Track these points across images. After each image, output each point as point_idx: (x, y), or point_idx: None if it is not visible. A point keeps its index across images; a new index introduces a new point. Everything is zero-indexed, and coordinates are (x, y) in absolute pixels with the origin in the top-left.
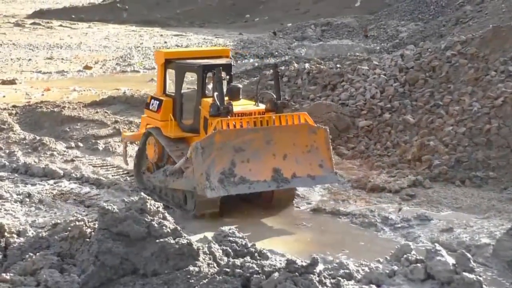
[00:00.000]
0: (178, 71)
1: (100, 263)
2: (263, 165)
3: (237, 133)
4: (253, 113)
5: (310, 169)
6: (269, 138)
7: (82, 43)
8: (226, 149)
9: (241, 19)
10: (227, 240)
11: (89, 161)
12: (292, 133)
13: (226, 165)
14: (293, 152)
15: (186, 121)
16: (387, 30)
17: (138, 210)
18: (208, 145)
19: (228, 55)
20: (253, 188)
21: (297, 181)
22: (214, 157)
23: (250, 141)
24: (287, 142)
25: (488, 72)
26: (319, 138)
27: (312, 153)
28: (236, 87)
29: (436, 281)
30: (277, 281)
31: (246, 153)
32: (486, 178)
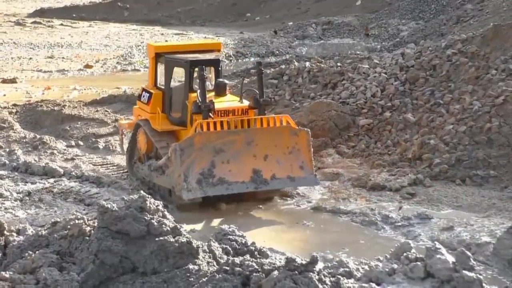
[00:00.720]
0: (167, 66)
1: (99, 262)
2: (243, 166)
3: (218, 134)
4: (235, 110)
5: (291, 170)
6: (250, 139)
7: (83, 42)
8: (207, 150)
9: (242, 18)
10: (227, 238)
11: (89, 160)
12: (274, 134)
13: (205, 166)
14: (274, 153)
15: (175, 114)
16: (388, 29)
17: (138, 208)
18: (187, 146)
19: (219, 48)
20: (231, 190)
21: (276, 182)
22: (194, 158)
23: (231, 142)
24: (268, 143)
25: (489, 71)
26: (301, 140)
27: (293, 155)
28: (223, 83)
29: (436, 280)
30: (277, 279)
31: (226, 154)
32: (487, 177)
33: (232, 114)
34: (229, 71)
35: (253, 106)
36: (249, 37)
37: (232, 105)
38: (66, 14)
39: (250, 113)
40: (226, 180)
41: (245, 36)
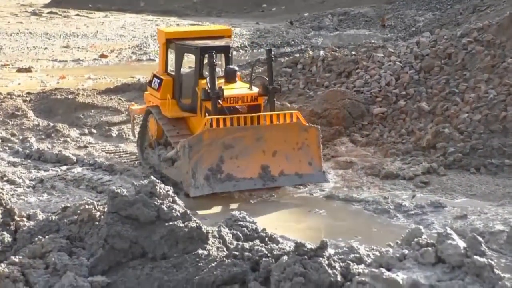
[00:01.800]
0: (177, 52)
1: (109, 247)
2: (251, 162)
3: (227, 130)
4: (245, 97)
5: (299, 166)
6: (260, 135)
7: (98, 32)
8: (215, 145)
9: (258, 8)
10: (237, 224)
11: (102, 148)
12: (284, 131)
13: (214, 161)
14: (283, 149)
15: (185, 100)
16: (404, 19)
17: (148, 193)
18: (196, 143)
19: (229, 34)
20: (238, 186)
21: (284, 179)
22: (202, 153)
23: (240, 138)
24: (277, 139)
25: (505, 59)
26: (311, 136)
27: (303, 151)
28: (233, 69)
29: (447, 265)
30: (286, 264)
31: (235, 149)
32: (502, 166)
33: (242, 101)
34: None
35: (262, 93)
36: (265, 27)
37: (241, 92)
38: (82, 4)
39: (259, 100)
40: (234, 176)
41: (261, 27)
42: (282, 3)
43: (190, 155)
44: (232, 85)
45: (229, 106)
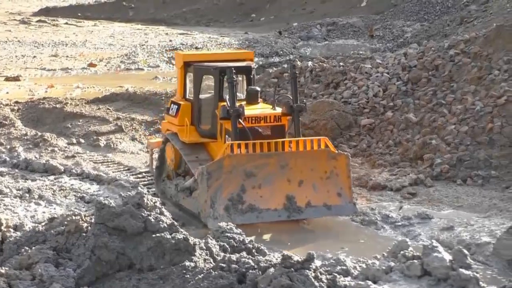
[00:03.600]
0: (195, 74)
1: (96, 258)
2: (275, 192)
3: (249, 157)
4: (267, 116)
5: (327, 197)
6: (285, 162)
7: (87, 41)
8: (236, 173)
9: (247, 18)
10: (224, 236)
11: (90, 157)
12: (310, 158)
13: (234, 191)
14: (310, 178)
15: (204, 126)
16: (392, 30)
17: (135, 204)
18: (215, 170)
19: (251, 58)
20: (261, 218)
21: (311, 211)
22: (222, 181)
23: (263, 166)
24: (304, 167)
25: (491, 71)
26: (340, 164)
27: (332, 180)
28: (254, 90)
29: (433, 278)
30: (273, 276)
31: (257, 178)
32: (488, 177)
33: (264, 121)
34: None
35: (286, 113)
36: (254, 37)
37: (264, 112)
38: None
39: (283, 120)
40: (257, 207)
41: (250, 37)
42: (271, 13)
43: (208, 183)
44: (254, 106)
45: (251, 126)
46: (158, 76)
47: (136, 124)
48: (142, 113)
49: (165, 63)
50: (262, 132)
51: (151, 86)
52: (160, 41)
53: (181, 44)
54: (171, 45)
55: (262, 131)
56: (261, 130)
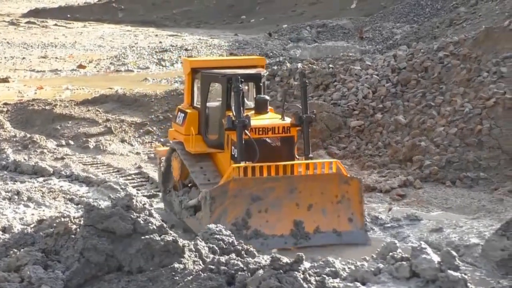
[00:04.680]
0: (203, 81)
1: (85, 260)
2: (282, 217)
3: (256, 181)
4: (275, 127)
5: (338, 222)
6: (293, 186)
7: (76, 42)
8: (242, 197)
9: (237, 20)
10: (213, 238)
11: (79, 159)
12: (321, 182)
13: (239, 215)
14: (320, 202)
15: (211, 135)
16: (382, 32)
17: (124, 206)
18: (219, 194)
19: (263, 65)
20: (266, 245)
21: (319, 237)
22: (227, 206)
23: (270, 189)
24: (314, 191)
25: (480, 73)
26: (352, 189)
27: (342, 205)
28: (263, 99)
29: (421, 279)
30: (262, 278)
31: (264, 202)
32: (477, 179)
33: (272, 132)
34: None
35: (295, 124)
36: (244, 39)
37: (272, 123)
38: (61, 14)
39: (292, 131)
40: (262, 233)
41: (240, 38)
42: (261, 14)
43: (212, 208)
44: (262, 115)
45: (258, 138)
46: (148, 77)
47: (126, 126)
48: (131, 115)
49: (155, 64)
50: (271, 143)
51: (141, 88)
52: (150, 42)
53: (171, 46)
54: (161, 47)
55: (271, 142)
56: (270, 141)
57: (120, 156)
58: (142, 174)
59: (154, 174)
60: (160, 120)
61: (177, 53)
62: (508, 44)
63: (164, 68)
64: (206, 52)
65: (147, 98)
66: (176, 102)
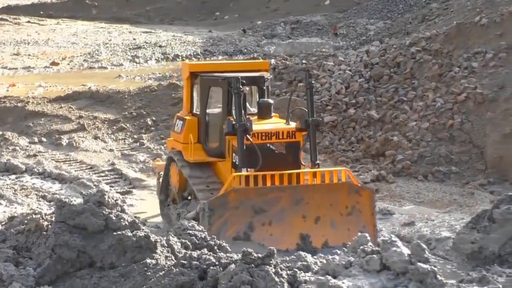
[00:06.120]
0: (202, 86)
1: (56, 256)
2: (288, 230)
3: (259, 191)
4: (279, 132)
5: (348, 236)
6: (299, 197)
7: (50, 39)
8: (243, 209)
9: (211, 16)
10: (186, 233)
11: (52, 156)
12: (329, 192)
13: (241, 228)
14: (328, 214)
15: (212, 143)
16: (356, 28)
17: (96, 202)
18: (219, 206)
19: (267, 69)
20: None
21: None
22: (227, 218)
23: (275, 200)
24: (322, 202)
25: (452, 68)
26: (363, 200)
27: (353, 217)
28: (267, 103)
29: (392, 272)
30: (233, 273)
31: (268, 214)
32: (449, 173)
33: (276, 137)
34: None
35: (301, 128)
36: (218, 35)
37: (275, 127)
38: (34, 11)
39: (297, 136)
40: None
41: (214, 35)
42: (235, 11)
43: (210, 220)
44: (266, 120)
45: (261, 143)
46: (122, 74)
47: (99, 123)
48: (105, 111)
49: (128, 61)
50: (275, 149)
51: (114, 85)
52: (124, 39)
53: (145, 43)
54: (135, 44)
55: (276, 148)
56: (274, 148)
57: (93, 153)
58: (115, 171)
59: (127, 170)
60: (133, 117)
61: (151, 50)
62: (479, 40)
63: (138, 65)
64: (181, 49)
65: (120, 95)
66: (149, 98)
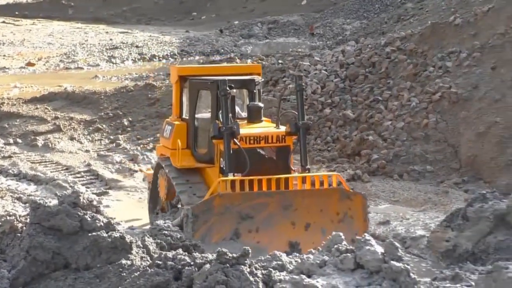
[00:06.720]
0: (191, 90)
1: (31, 258)
2: (276, 237)
3: (245, 196)
4: (268, 136)
5: None
6: (288, 202)
7: (25, 39)
8: (229, 215)
9: (188, 16)
10: (162, 234)
11: (27, 158)
12: (320, 198)
13: (227, 235)
14: (319, 221)
15: (201, 149)
16: (332, 28)
17: (71, 204)
18: (203, 211)
19: (259, 72)
20: None
21: None
22: (212, 224)
23: (262, 206)
24: (312, 208)
25: (426, 68)
26: (355, 205)
27: (344, 224)
28: (256, 107)
29: (365, 270)
30: (208, 273)
31: (255, 220)
32: (424, 172)
33: (265, 141)
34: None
35: (291, 132)
36: (195, 35)
37: (264, 131)
38: (9, 11)
39: (287, 141)
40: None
41: (191, 35)
42: (212, 11)
43: (194, 227)
44: (256, 124)
45: (249, 148)
46: (98, 75)
47: (75, 124)
48: (81, 112)
49: (105, 62)
50: (265, 154)
51: (91, 85)
52: (100, 40)
53: (122, 43)
54: (112, 44)
55: (265, 153)
56: (264, 152)
57: (69, 154)
58: (91, 172)
59: (103, 171)
60: (110, 118)
61: (128, 50)
62: (453, 39)
63: (115, 65)
64: (157, 49)
65: (96, 96)
66: (126, 99)
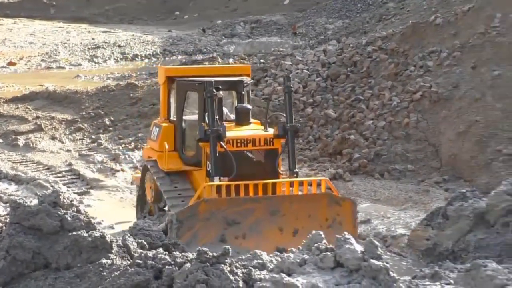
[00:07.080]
0: (178, 91)
1: (11, 258)
2: (263, 243)
3: (231, 201)
4: (256, 139)
5: None
6: (275, 208)
7: (6, 39)
8: (215, 220)
9: (170, 16)
10: (142, 233)
11: (8, 157)
12: (308, 203)
13: (213, 241)
14: (307, 227)
15: (188, 152)
16: (315, 27)
17: (51, 203)
18: (188, 217)
19: (248, 73)
20: None
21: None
22: (197, 230)
23: (249, 211)
24: (300, 214)
25: (408, 67)
26: (344, 211)
27: (333, 230)
28: (245, 108)
29: (345, 269)
30: (189, 272)
31: (242, 226)
32: (405, 171)
33: (252, 144)
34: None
35: (279, 135)
36: (177, 35)
37: (252, 133)
38: None
39: (275, 143)
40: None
41: (173, 34)
42: (195, 10)
43: (179, 233)
44: (243, 126)
45: (236, 150)
46: (80, 74)
47: (56, 123)
48: (62, 111)
49: (87, 61)
50: (253, 157)
51: (73, 85)
52: (83, 39)
53: (104, 42)
54: (94, 43)
55: (253, 156)
56: (251, 155)
57: (51, 153)
58: (73, 171)
59: (85, 171)
60: (91, 117)
61: (110, 49)
62: (434, 39)
63: (97, 64)
64: (140, 49)
65: (78, 95)
66: (107, 98)
